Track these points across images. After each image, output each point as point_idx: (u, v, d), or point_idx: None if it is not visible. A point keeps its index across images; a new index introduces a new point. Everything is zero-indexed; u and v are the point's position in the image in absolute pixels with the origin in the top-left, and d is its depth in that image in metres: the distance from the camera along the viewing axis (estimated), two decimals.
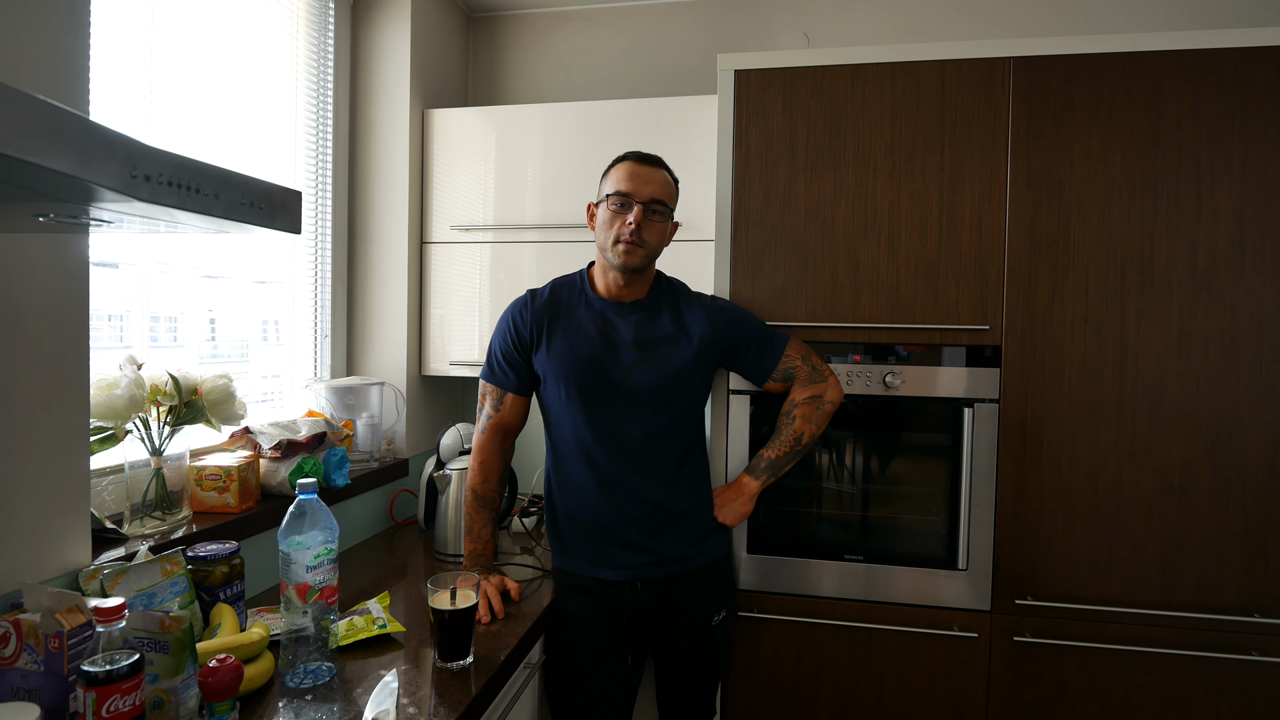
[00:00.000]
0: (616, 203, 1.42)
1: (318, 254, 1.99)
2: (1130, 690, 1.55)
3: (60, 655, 0.91)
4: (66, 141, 0.52)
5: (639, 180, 1.42)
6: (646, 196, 1.41)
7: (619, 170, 1.44)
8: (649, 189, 1.42)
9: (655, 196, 1.42)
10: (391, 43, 2.04)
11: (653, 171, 1.44)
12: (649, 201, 1.41)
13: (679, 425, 1.50)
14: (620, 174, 1.43)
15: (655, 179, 1.43)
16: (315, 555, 1.14)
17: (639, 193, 1.41)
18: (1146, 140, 1.52)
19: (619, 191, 1.42)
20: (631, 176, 1.42)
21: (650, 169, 1.44)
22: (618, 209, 1.42)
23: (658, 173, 1.44)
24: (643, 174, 1.42)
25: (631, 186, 1.41)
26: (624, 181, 1.42)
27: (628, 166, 1.44)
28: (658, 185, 1.43)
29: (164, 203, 0.62)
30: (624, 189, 1.41)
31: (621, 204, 1.42)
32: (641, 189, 1.41)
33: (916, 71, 1.60)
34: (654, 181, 1.43)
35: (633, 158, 1.45)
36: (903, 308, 1.62)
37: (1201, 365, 1.51)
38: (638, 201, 1.41)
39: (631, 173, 1.42)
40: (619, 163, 1.46)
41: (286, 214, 0.80)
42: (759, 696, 1.69)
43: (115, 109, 1.36)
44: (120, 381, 1.22)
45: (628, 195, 1.41)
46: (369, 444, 1.93)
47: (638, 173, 1.42)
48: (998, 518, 1.58)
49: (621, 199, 1.41)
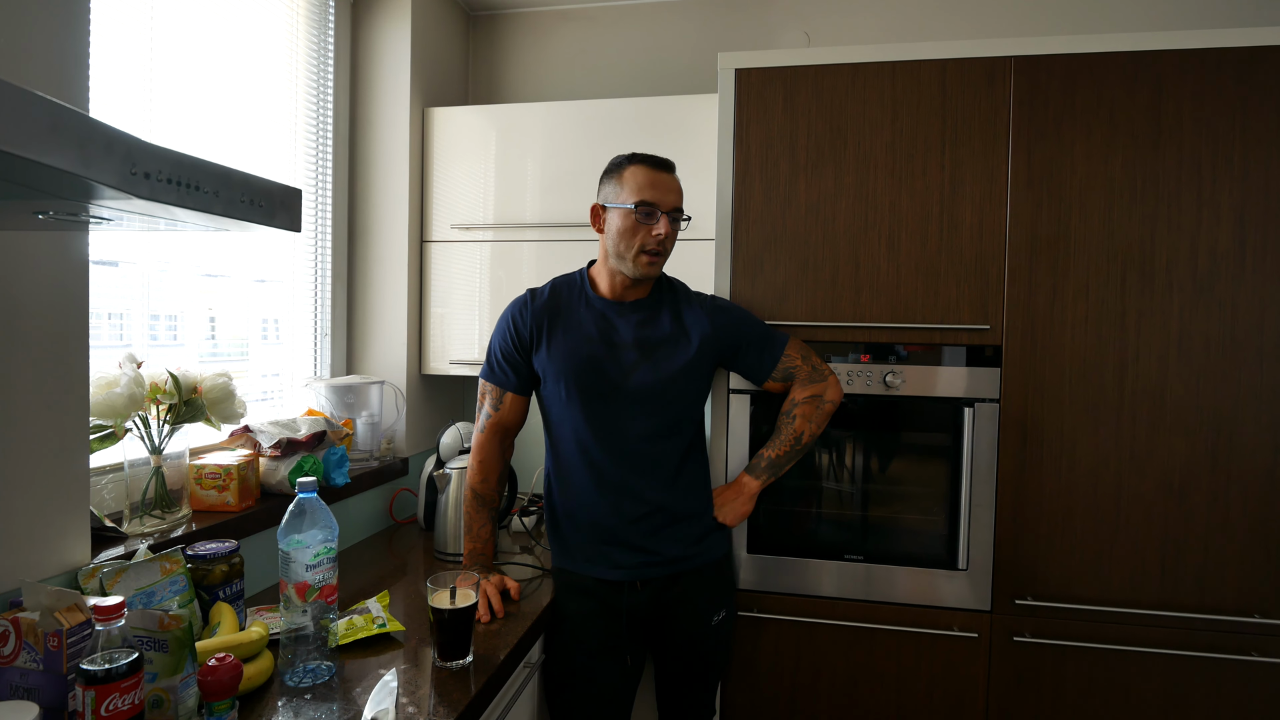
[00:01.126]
0: (643, 213, 1.39)
1: (318, 253, 1.98)
2: (1129, 690, 1.55)
3: (59, 654, 0.91)
4: (66, 138, 0.52)
5: (662, 188, 1.40)
6: (670, 205, 1.40)
7: (637, 176, 1.40)
8: (672, 197, 1.41)
9: (677, 205, 1.42)
10: (391, 41, 2.04)
11: (671, 178, 1.43)
12: (673, 210, 1.40)
13: (679, 425, 1.49)
14: (640, 181, 1.40)
15: (675, 186, 1.42)
16: (315, 554, 1.14)
17: (664, 202, 1.39)
18: (1147, 140, 1.52)
19: (645, 201, 1.39)
20: (654, 184, 1.39)
21: (669, 175, 1.42)
22: (643, 218, 1.39)
23: (675, 178, 1.43)
24: (664, 181, 1.41)
25: (656, 195, 1.39)
26: (647, 190, 1.39)
27: (647, 173, 1.40)
28: (677, 193, 1.42)
29: (163, 200, 0.62)
30: (649, 198, 1.39)
31: (648, 214, 1.39)
32: (666, 198, 1.40)
33: (917, 71, 1.60)
34: (674, 189, 1.42)
35: (649, 163, 1.42)
36: (903, 307, 1.62)
37: (1202, 366, 1.51)
38: (663, 211, 1.39)
39: (653, 180, 1.40)
40: (632, 165, 1.42)
41: (286, 212, 0.80)
42: (759, 696, 1.69)
43: (116, 107, 1.36)
44: (120, 380, 1.22)
45: (653, 205, 1.39)
46: (369, 443, 1.93)
47: (659, 180, 1.40)
48: (998, 518, 1.58)
49: (648, 209, 1.39)
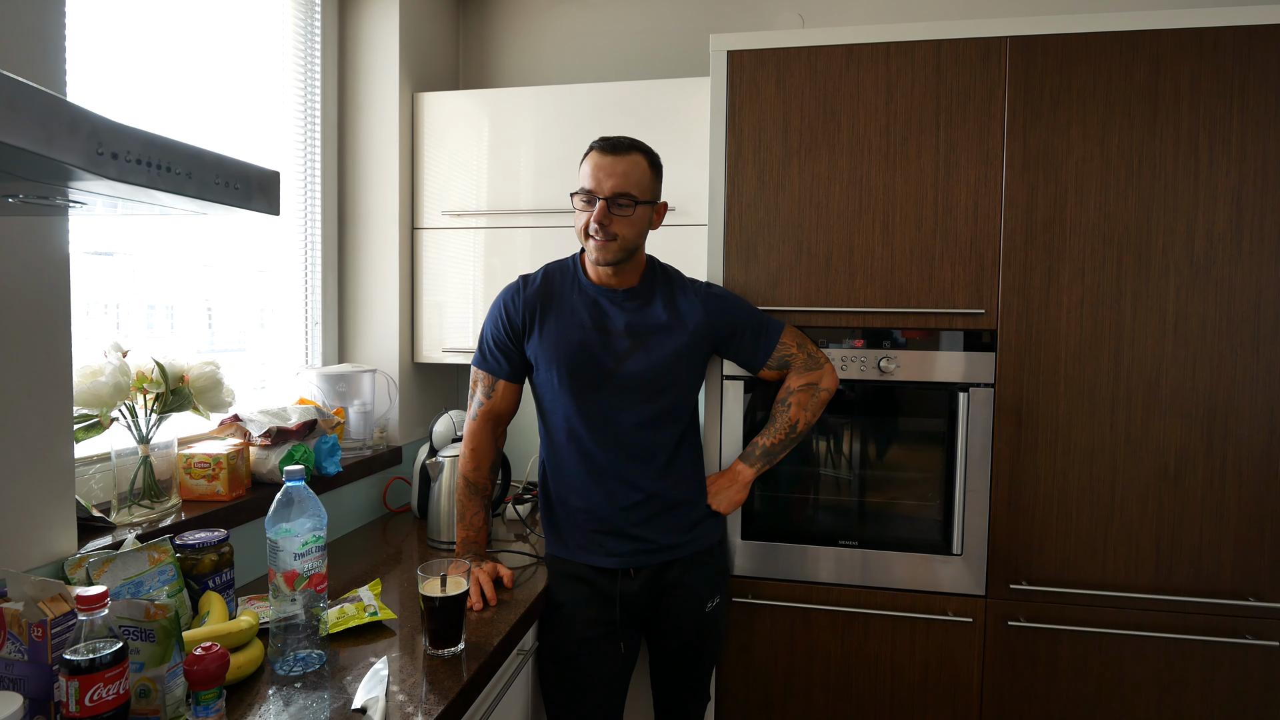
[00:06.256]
0: (581, 199, 1.38)
1: (307, 241, 1.97)
2: (1124, 674, 1.55)
3: (44, 644, 0.90)
4: (25, 116, 0.50)
5: (601, 174, 1.36)
6: (609, 191, 1.36)
7: (587, 162, 1.39)
8: (611, 183, 1.36)
9: (619, 190, 1.36)
10: (380, 24, 2.01)
11: (616, 161, 1.37)
12: (611, 196, 1.36)
13: (672, 413, 1.48)
14: (587, 167, 1.38)
15: (618, 169, 1.36)
16: (303, 543, 1.13)
17: (600, 188, 1.36)
18: (1144, 121, 1.50)
19: (582, 188, 1.38)
20: (595, 170, 1.37)
21: (614, 158, 1.37)
22: (583, 205, 1.38)
23: (622, 160, 1.37)
24: (605, 166, 1.36)
25: (593, 182, 1.37)
26: (586, 177, 1.38)
27: (593, 158, 1.38)
28: (620, 177, 1.36)
29: (133, 181, 0.60)
30: (587, 185, 1.37)
31: (586, 200, 1.38)
32: (603, 184, 1.36)
33: (912, 52, 1.57)
34: (616, 173, 1.36)
35: (599, 146, 1.39)
36: (898, 292, 1.60)
37: (1198, 349, 1.50)
38: (600, 197, 1.36)
39: (595, 165, 1.37)
40: (589, 152, 1.40)
41: (264, 195, 0.78)
42: (753, 681, 1.69)
43: (96, 90, 1.34)
44: (105, 369, 1.21)
45: (590, 192, 1.37)
46: (361, 431, 1.92)
47: (600, 165, 1.37)
48: (993, 503, 1.58)
49: (585, 196, 1.38)
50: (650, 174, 1.41)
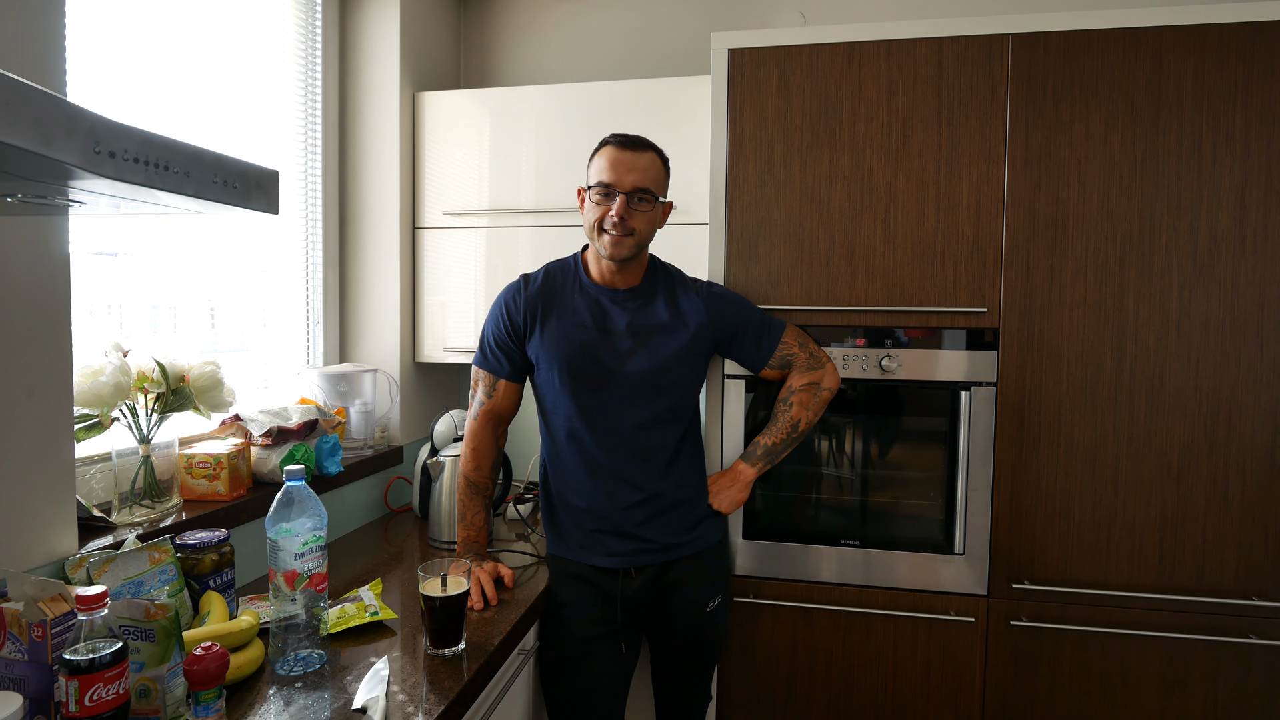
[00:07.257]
0: (599, 193, 1.38)
1: (309, 240, 1.96)
2: (1127, 674, 1.54)
3: (44, 644, 0.90)
4: (21, 115, 0.50)
5: (621, 168, 1.37)
6: (630, 186, 1.36)
7: (602, 157, 1.39)
8: (632, 177, 1.37)
9: (639, 185, 1.37)
10: (380, 23, 2.01)
11: (636, 157, 1.38)
12: (632, 191, 1.37)
13: (674, 413, 1.48)
14: (603, 161, 1.39)
15: (639, 165, 1.38)
16: (303, 542, 1.13)
17: (621, 182, 1.36)
18: (1147, 119, 1.49)
19: (601, 182, 1.38)
20: (614, 164, 1.37)
21: (634, 154, 1.38)
22: (600, 199, 1.38)
23: (642, 157, 1.39)
24: (625, 161, 1.37)
25: (614, 176, 1.37)
26: (606, 170, 1.37)
27: (610, 153, 1.38)
28: (640, 172, 1.37)
29: (131, 180, 0.60)
30: (606, 179, 1.37)
31: (604, 194, 1.38)
32: (624, 178, 1.36)
33: (914, 49, 1.57)
34: (637, 168, 1.37)
35: (615, 142, 1.40)
36: (899, 291, 1.60)
37: (1201, 347, 1.49)
38: (620, 191, 1.36)
39: (614, 160, 1.37)
40: (602, 147, 1.41)
41: (263, 194, 0.78)
42: (755, 681, 1.69)
43: (97, 90, 1.34)
44: (105, 368, 1.21)
45: (610, 185, 1.37)
46: (363, 431, 1.92)
47: (620, 160, 1.37)
48: (995, 502, 1.57)
49: (604, 189, 1.37)
50: (664, 173, 1.44)
